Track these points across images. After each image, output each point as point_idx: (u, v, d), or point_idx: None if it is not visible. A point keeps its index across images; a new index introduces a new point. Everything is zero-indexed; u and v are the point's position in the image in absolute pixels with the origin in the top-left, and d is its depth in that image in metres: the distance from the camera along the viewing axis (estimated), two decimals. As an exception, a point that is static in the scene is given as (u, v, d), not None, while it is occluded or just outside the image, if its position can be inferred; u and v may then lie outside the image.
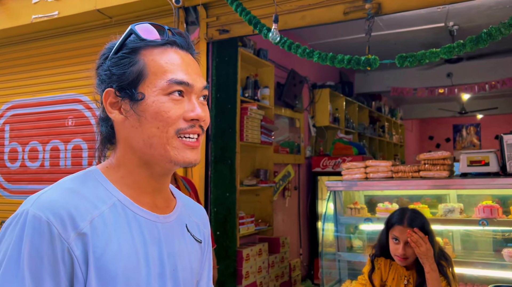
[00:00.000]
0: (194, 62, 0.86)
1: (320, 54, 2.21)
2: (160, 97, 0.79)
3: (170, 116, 0.79)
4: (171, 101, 0.79)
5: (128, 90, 0.80)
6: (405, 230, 1.96)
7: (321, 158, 5.10)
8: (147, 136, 0.79)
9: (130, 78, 0.80)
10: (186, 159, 0.80)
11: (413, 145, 11.72)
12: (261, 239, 3.96)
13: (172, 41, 0.83)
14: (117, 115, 0.82)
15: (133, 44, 0.83)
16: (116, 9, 3.30)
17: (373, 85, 7.18)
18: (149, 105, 0.79)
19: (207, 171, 3.23)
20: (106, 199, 0.78)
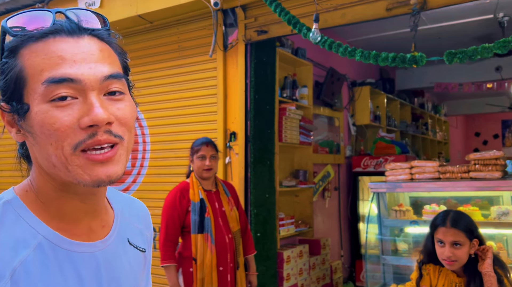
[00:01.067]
0: (92, 46, 0.65)
1: (362, 53, 2.14)
2: (42, 106, 0.61)
3: (58, 129, 0.61)
4: (55, 108, 0.61)
5: (15, 103, 0.63)
6: (449, 231, 1.87)
7: (362, 158, 4.98)
8: (46, 156, 0.63)
9: (10, 88, 0.63)
10: (94, 178, 0.63)
11: (458, 143, 11.21)
12: (301, 241, 3.92)
13: (55, 29, 0.63)
14: (15, 134, 0.66)
15: (11, 43, 0.64)
16: (157, 14, 3.36)
17: (415, 81, 6.92)
18: (33, 118, 0.62)
19: (247, 173, 3.23)
20: (30, 240, 0.62)
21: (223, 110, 3.30)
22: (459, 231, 1.85)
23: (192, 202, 2.36)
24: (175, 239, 2.36)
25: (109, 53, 0.68)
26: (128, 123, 0.66)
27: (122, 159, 0.66)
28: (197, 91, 3.44)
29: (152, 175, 3.62)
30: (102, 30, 0.69)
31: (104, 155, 0.63)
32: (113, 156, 0.64)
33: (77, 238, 0.68)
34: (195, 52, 3.46)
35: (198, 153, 2.44)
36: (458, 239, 1.84)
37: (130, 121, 0.67)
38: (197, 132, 3.41)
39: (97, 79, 0.63)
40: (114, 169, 0.64)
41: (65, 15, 0.66)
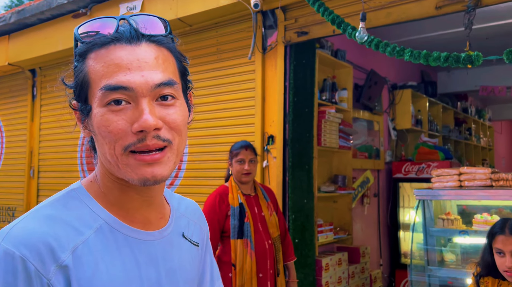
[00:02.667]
0: (147, 53, 0.68)
1: (412, 52, 2.03)
2: (100, 109, 0.67)
3: (111, 131, 0.66)
4: (110, 112, 0.67)
5: (81, 103, 0.71)
6: (508, 239, 1.73)
7: (403, 163, 4.79)
8: (103, 152, 0.70)
9: (78, 89, 0.71)
10: (140, 177, 0.67)
11: (503, 149, 10.66)
12: (340, 248, 3.80)
13: (115, 37, 0.68)
14: (82, 130, 0.73)
15: (80, 49, 0.71)
16: (196, 17, 3.37)
17: (458, 84, 6.63)
18: (93, 119, 0.69)
19: (285, 177, 3.16)
20: (92, 223, 0.69)
21: (261, 113, 3.25)
22: None
23: (232, 207, 2.32)
24: (214, 244, 2.32)
25: (165, 59, 0.71)
26: (178, 127, 0.70)
27: (170, 161, 0.70)
28: (235, 94, 3.41)
29: (190, 178, 3.61)
30: (160, 36, 0.73)
31: (152, 156, 0.67)
32: (161, 158, 0.68)
33: (135, 225, 0.73)
34: (233, 54, 3.44)
35: (237, 157, 2.40)
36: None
37: (180, 125, 0.70)
38: (235, 135, 3.38)
39: (148, 87, 0.67)
40: (160, 170, 0.68)
41: (128, 21, 0.71)
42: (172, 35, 0.76)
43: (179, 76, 0.74)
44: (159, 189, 0.76)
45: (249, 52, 3.22)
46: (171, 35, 0.75)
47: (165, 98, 0.69)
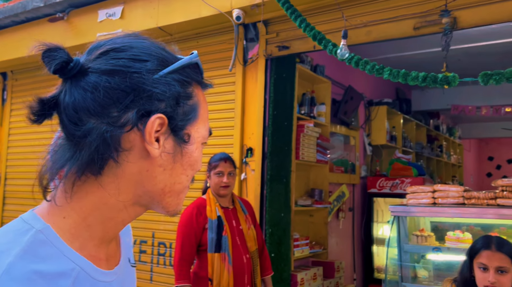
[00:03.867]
0: None
1: (391, 71, 2.07)
2: (200, 146, 0.68)
3: (199, 167, 0.69)
4: (200, 151, 0.69)
5: (179, 126, 0.63)
6: (494, 255, 1.76)
7: (377, 179, 4.87)
8: (173, 182, 0.65)
9: (185, 113, 0.64)
10: (178, 208, 0.70)
11: (471, 166, 11.02)
12: (315, 263, 3.80)
13: (207, 84, 0.71)
14: (154, 150, 0.61)
15: (192, 73, 0.67)
16: (177, 27, 3.34)
17: (432, 102, 6.84)
18: (192, 151, 0.66)
19: (263, 190, 3.14)
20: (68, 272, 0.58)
21: (241, 125, 3.24)
22: (506, 256, 1.74)
23: (209, 220, 2.28)
24: (190, 258, 2.26)
25: None
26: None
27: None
28: (214, 105, 3.39)
29: (165, 189, 3.54)
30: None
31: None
32: None
33: (102, 265, 0.65)
34: (214, 65, 3.42)
35: (216, 169, 2.37)
36: (504, 265, 1.73)
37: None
38: (214, 147, 3.34)
39: None
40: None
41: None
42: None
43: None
44: None
45: (229, 63, 3.21)
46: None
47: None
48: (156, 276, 3.49)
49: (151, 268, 3.52)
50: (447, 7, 2.26)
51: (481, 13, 2.30)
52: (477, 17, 2.27)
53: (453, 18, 2.24)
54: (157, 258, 3.51)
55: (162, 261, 3.48)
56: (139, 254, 3.60)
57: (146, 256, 3.56)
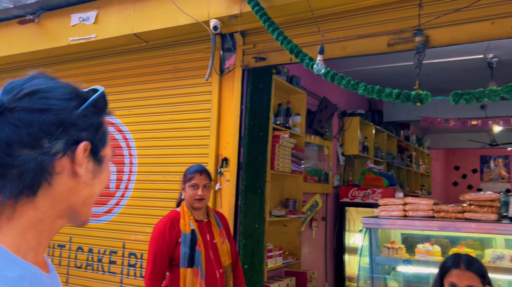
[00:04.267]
0: None
1: (366, 87, 2.11)
2: (108, 164, 0.82)
3: (108, 181, 0.80)
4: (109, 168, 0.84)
5: (98, 149, 0.77)
6: (464, 274, 1.80)
7: (350, 188, 4.94)
8: (92, 194, 0.78)
9: (101, 138, 0.77)
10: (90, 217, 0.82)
11: (439, 175, 11.38)
12: (288, 273, 3.80)
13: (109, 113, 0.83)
14: (82, 171, 0.74)
15: (101, 105, 0.79)
16: (153, 34, 3.30)
17: (402, 113, 7.02)
18: (105, 168, 0.80)
19: (237, 201, 3.13)
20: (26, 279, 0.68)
21: (216, 135, 3.22)
22: (474, 275, 1.78)
23: (183, 233, 2.24)
24: (162, 273, 2.21)
25: None
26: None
27: None
28: (190, 114, 3.35)
29: (137, 199, 3.47)
30: None
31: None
32: None
33: (43, 270, 0.73)
34: (190, 74, 3.39)
35: (191, 182, 2.34)
36: (473, 284, 1.77)
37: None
38: (189, 156, 3.30)
39: None
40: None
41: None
42: None
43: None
44: None
45: (206, 72, 3.19)
46: None
47: None
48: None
49: (121, 280, 3.43)
50: (420, 26, 2.32)
51: (452, 32, 2.38)
52: (448, 36, 2.35)
53: (426, 36, 2.31)
54: (128, 269, 3.42)
55: (133, 272, 3.40)
56: (108, 265, 3.50)
57: (116, 267, 3.47)
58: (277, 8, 2.74)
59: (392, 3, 2.55)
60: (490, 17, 2.31)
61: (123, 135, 3.61)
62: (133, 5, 3.29)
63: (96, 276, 3.53)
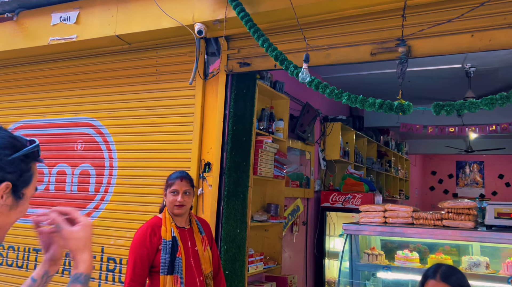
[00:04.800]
0: None
1: (349, 96, 2.14)
2: (29, 199, 1.05)
3: (26, 212, 1.06)
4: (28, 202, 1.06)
5: (19, 189, 1.00)
6: (438, 284, 1.84)
7: (330, 193, 4.98)
8: (6, 223, 1.01)
9: (24, 180, 1.01)
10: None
11: (416, 180, 11.60)
12: (268, 278, 3.80)
13: (41, 160, 1.06)
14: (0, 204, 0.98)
15: (32, 155, 1.03)
16: (136, 36, 3.25)
17: (382, 119, 7.14)
18: (23, 203, 1.03)
19: (219, 206, 3.11)
20: None
21: (199, 140, 3.19)
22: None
23: (164, 240, 2.21)
24: (142, 280, 2.18)
25: None
26: None
27: None
28: (172, 118, 3.32)
29: (118, 203, 3.41)
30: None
31: None
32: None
33: None
34: (173, 77, 3.36)
35: (171, 188, 2.31)
36: None
37: None
38: (171, 160, 3.27)
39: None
40: None
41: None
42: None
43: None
44: None
45: (189, 76, 3.17)
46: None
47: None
48: (104, 293, 3.34)
49: (99, 285, 3.36)
50: (403, 37, 2.37)
51: (433, 43, 2.44)
52: (430, 47, 2.41)
53: (408, 46, 2.35)
54: (106, 274, 3.36)
55: (111, 277, 3.33)
56: (86, 270, 3.42)
57: (93, 272, 3.39)
58: (262, 15, 2.74)
59: (375, 13, 2.59)
60: (470, 30, 2.37)
61: (104, 138, 3.55)
62: (116, 6, 3.24)
63: (73, 281, 3.45)
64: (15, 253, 3.74)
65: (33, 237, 3.69)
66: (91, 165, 3.56)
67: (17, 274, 3.70)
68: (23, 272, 3.67)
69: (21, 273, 3.69)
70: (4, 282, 3.73)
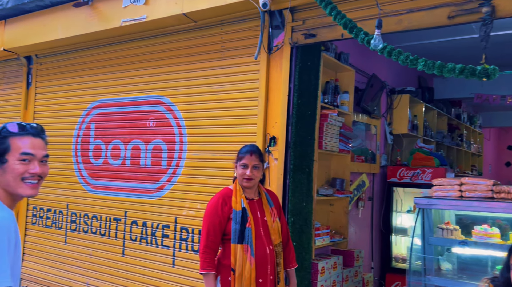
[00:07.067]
0: (41, 142, 1.50)
1: (426, 62, 2.02)
2: (15, 161, 1.43)
3: (18, 172, 1.44)
4: (20, 163, 1.44)
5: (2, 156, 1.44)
6: None
7: (398, 168, 4.82)
8: (7, 179, 1.44)
9: (5, 149, 1.44)
10: (26, 193, 1.47)
11: (491, 155, 10.83)
12: (334, 251, 3.81)
13: (27, 132, 1.48)
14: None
15: (5, 133, 1.46)
16: (202, 13, 3.31)
17: (454, 91, 6.68)
18: (9, 165, 1.43)
19: (286, 180, 3.14)
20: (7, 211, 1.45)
21: (264, 114, 3.22)
22: None
23: (234, 210, 2.29)
24: (215, 247, 2.29)
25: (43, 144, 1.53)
26: (46, 174, 1.52)
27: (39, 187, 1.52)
28: (238, 93, 3.37)
29: (188, 176, 3.57)
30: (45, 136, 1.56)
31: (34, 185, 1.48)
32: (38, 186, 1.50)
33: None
34: (238, 53, 3.39)
35: (241, 161, 2.37)
36: None
37: (47, 174, 1.52)
38: (236, 135, 3.34)
39: (40, 156, 1.49)
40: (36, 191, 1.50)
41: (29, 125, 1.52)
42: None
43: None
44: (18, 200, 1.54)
45: (253, 51, 3.18)
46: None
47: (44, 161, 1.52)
48: (178, 260, 3.55)
49: (173, 253, 3.58)
50: (485, -4, 2.18)
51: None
52: (516, 6, 2.19)
53: (492, 6, 2.16)
54: (180, 243, 3.56)
55: (185, 246, 3.53)
56: (161, 239, 3.66)
57: (168, 241, 3.62)
58: (329, -18, 2.65)
59: (453, -28, 2.40)
60: None
61: (173, 114, 3.70)
62: (182, -15, 3.30)
63: (150, 249, 3.71)
64: (98, 222, 4.09)
65: (113, 207, 4.00)
66: (163, 140, 3.74)
67: (100, 241, 4.05)
68: (106, 239, 4.01)
69: (104, 240, 4.03)
70: (89, 248, 4.10)
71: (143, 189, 3.80)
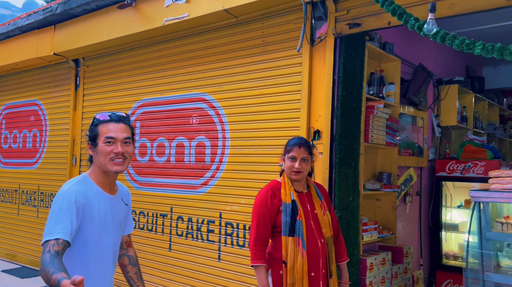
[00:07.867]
0: (123, 126, 1.78)
1: (484, 45, 1.90)
2: (101, 144, 1.74)
3: (106, 152, 1.73)
4: (106, 145, 1.73)
5: (92, 143, 1.77)
6: None
7: (447, 162, 4.61)
8: (100, 160, 1.75)
9: (93, 137, 1.76)
10: (113, 169, 1.75)
11: (546, 148, 10.16)
12: (382, 247, 3.70)
13: (111, 119, 1.77)
14: (90, 152, 1.80)
15: (96, 122, 1.78)
16: (243, 8, 3.30)
17: (506, 79, 6.31)
18: (99, 148, 1.74)
19: (331, 174, 3.08)
20: (93, 189, 1.77)
21: (307, 107, 3.17)
22: None
23: (284, 203, 2.26)
24: (265, 239, 2.27)
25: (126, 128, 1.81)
26: (129, 154, 1.78)
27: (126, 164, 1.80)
28: (280, 87, 3.34)
29: (231, 171, 3.58)
30: (129, 121, 1.84)
31: (119, 162, 1.77)
32: (124, 163, 1.78)
33: (106, 191, 1.82)
34: (279, 47, 3.36)
35: (289, 154, 2.33)
36: None
37: (131, 152, 1.80)
38: (279, 129, 3.32)
39: (122, 138, 1.77)
40: (123, 167, 1.78)
41: (115, 114, 1.81)
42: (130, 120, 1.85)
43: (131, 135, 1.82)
44: (114, 179, 1.85)
45: (295, 44, 3.14)
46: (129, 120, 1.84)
47: (127, 143, 1.79)
48: (224, 255, 3.58)
49: (219, 247, 3.61)
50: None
51: None
52: None
53: (557, -16, 2.00)
54: (225, 237, 3.58)
55: (230, 241, 3.55)
56: (207, 234, 3.70)
57: (213, 236, 3.65)
58: (374, -32, 2.56)
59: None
60: None
61: (216, 111, 3.72)
62: (223, -19, 3.31)
63: (196, 243, 3.76)
64: (145, 218, 4.19)
65: (159, 203, 4.09)
66: (206, 137, 3.78)
67: (147, 236, 4.16)
68: (153, 234, 4.11)
69: (151, 235, 4.13)
70: (137, 243, 4.22)
71: (188, 185, 3.86)
